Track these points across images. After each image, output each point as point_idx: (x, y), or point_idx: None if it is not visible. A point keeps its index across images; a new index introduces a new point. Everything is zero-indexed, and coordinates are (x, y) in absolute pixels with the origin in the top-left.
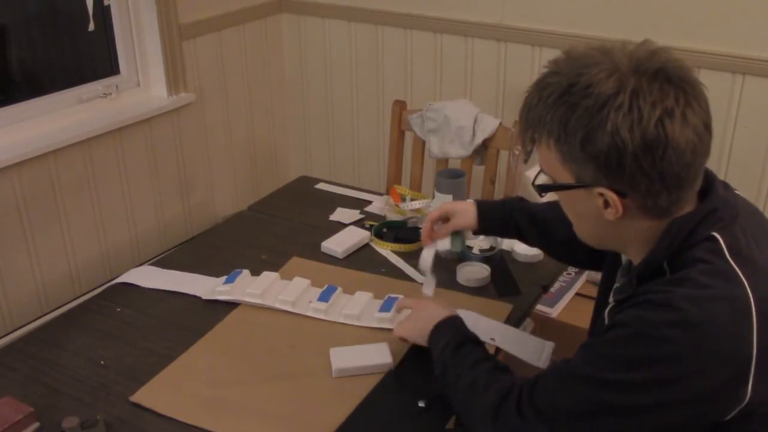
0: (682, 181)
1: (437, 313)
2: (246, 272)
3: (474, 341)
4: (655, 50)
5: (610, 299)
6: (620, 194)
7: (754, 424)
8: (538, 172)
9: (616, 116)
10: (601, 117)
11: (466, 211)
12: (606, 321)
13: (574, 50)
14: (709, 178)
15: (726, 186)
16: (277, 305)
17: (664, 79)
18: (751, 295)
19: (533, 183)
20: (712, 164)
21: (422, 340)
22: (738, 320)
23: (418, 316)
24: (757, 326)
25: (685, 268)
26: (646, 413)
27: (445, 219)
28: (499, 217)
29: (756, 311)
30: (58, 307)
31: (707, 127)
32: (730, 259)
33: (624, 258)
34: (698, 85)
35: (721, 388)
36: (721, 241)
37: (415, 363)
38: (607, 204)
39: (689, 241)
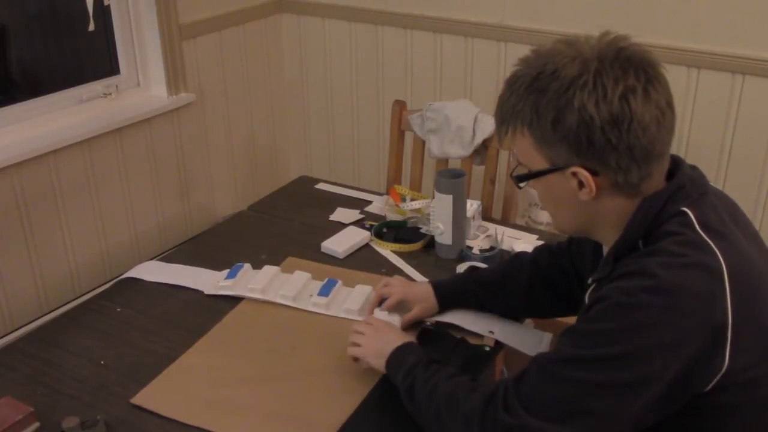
0: (649, 155)
1: (396, 337)
2: (247, 266)
3: (440, 362)
4: (616, 37)
5: (589, 281)
6: (592, 172)
7: (732, 396)
8: (516, 165)
9: (582, 94)
10: (568, 96)
11: (427, 301)
12: (586, 302)
13: (541, 47)
14: (676, 161)
15: (693, 167)
16: (279, 300)
17: (625, 59)
18: (723, 262)
19: (511, 174)
20: (712, 164)
21: (378, 362)
22: (711, 286)
23: (376, 336)
24: (730, 293)
25: (658, 242)
26: (630, 389)
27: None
28: (457, 294)
29: (728, 278)
30: (58, 307)
31: (669, 104)
32: (700, 231)
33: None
34: (658, 66)
35: (699, 355)
36: (691, 215)
37: None
38: (581, 185)
39: (661, 217)
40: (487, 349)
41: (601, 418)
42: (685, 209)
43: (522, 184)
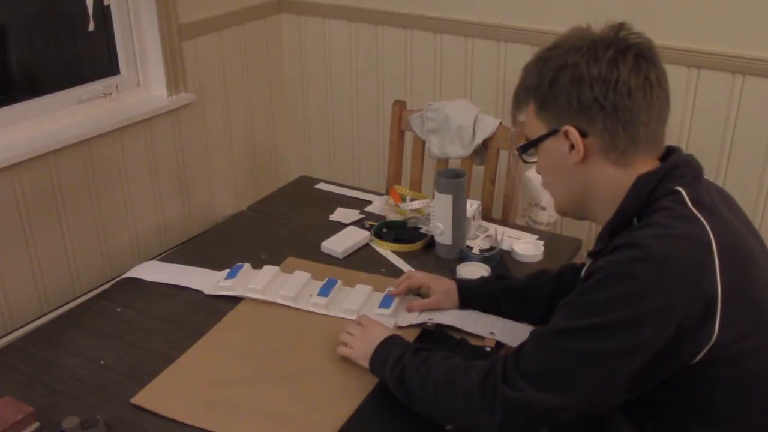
0: (634, 121)
1: (381, 333)
2: (247, 266)
3: (428, 349)
4: (622, 23)
5: (585, 259)
6: (582, 133)
7: (721, 370)
8: (523, 143)
9: (576, 55)
10: (565, 59)
11: (449, 293)
12: (582, 276)
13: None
14: (672, 148)
15: (690, 155)
16: (278, 300)
17: (623, 38)
18: (712, 236)
19: (517, 147)
20: (712, 164)
21: (364, 360)
22: (700, 257)
23: (363, 338)
24: (719, 265)
25: (648, 214)
26: (622, 357)
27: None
28: (479, 295)
29: (717, 251)
30: (58, 307)
31: (660, 83)
32: (691, 207)
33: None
34: (655, 50)
35: (689, 324)
36: (684, 194)
37: None
38: (572, 147)
39: (654, 194)
40: (488, 350)
41: (595, 388)
42: (679, 188)
43: (527, 157)
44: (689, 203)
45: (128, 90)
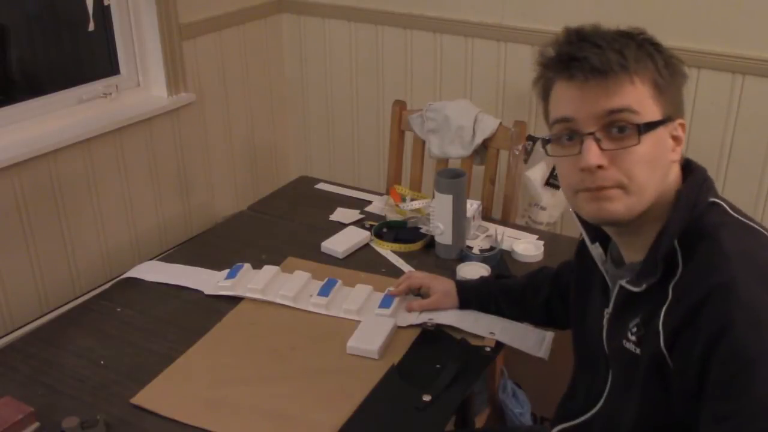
0: None
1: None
2: (247, 266)
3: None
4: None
5: (636, 289)
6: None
7: None
8: (651, 120)
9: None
10: (669, 51)
11: (449, 293)
12: (657, 322)
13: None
14: (684, 157)
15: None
16: (278, 300)
17: None
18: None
19: (645, 123)
20: (712, 164)
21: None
22: None
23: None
24: None
25: (700, 235)
26: None
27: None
28: (478, 296)
29: None
30: (58, 307)
31: None
32: (739, 217)
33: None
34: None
35: None
36: (725, 205)
37: (416, 360)
38: (676, 141)
39: (697, 209)
40: (488, 350)
41: None
42: (715, 200)
43: (644, 135)
44: (732, 213)
45: (128, 90)
